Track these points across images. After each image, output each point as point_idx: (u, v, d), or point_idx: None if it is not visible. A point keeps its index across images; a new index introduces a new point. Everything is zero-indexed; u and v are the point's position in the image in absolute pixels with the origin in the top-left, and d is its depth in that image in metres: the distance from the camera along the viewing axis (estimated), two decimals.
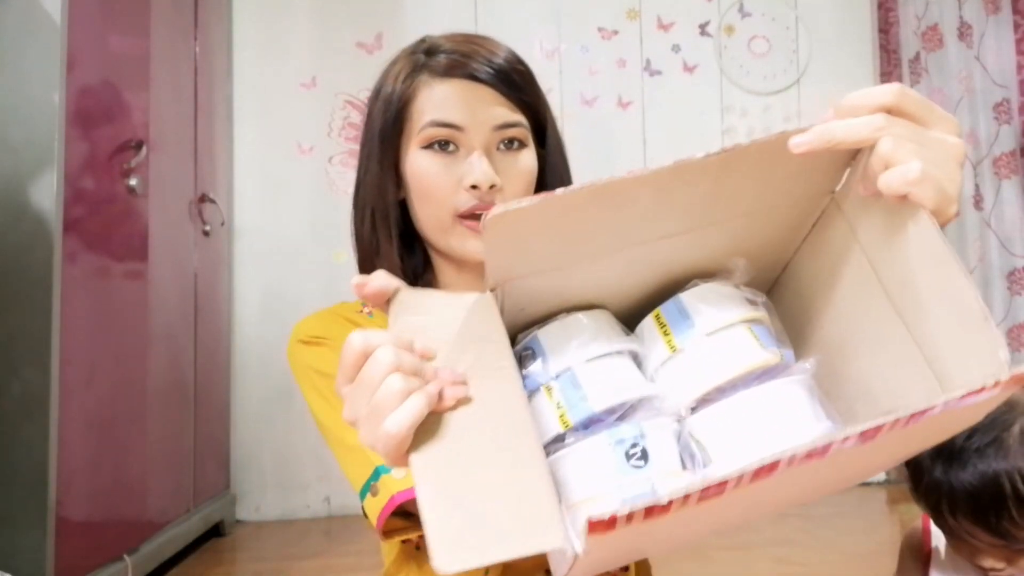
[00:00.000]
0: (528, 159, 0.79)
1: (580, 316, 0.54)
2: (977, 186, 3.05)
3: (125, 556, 1.86)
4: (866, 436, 0.38)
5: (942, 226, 0.48)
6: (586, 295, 0.55)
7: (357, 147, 0.87)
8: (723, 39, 3.07)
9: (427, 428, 0.46)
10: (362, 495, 0.69)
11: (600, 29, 3.05)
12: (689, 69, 3.07)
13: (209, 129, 2.60)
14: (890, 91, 0.48)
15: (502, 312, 0.54)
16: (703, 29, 3.08)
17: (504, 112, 0.77)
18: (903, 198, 0.46)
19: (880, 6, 3.20)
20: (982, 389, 0.40)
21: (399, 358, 0.45)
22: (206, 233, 2.48)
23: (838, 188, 0.53)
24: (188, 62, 2.45)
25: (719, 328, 0.52)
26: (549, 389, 0.51)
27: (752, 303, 0.54)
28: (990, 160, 3.06)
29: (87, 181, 1.77)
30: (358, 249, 0.83)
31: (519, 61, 0.80)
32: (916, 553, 0.94)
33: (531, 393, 0.52)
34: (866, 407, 0.53)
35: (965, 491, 0.80)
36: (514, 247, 0.49)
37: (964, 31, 3.09)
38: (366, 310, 0.82)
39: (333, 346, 0.77)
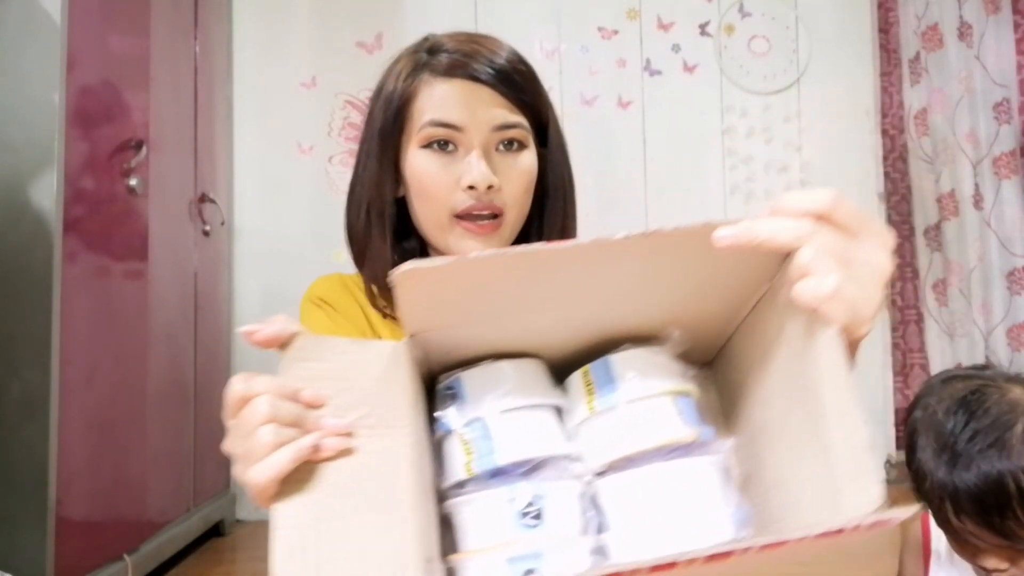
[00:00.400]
0: (528, 160, 0.79)
1: (503, 365, 0.53)
2: (977, 186, 3.05)
3: (125, 556, 1.86)
4: (768, 548, 0.37)
5: (853, 343, 0.46)
6: (518, 344, 0.54)
7: (357, 147, 0.87)
8: (723, 39, 3.07)
9: (299, 478, 0.46)
10: None
11: (600, 29, 3.05)
12: (689, 69, 3.07)
13: (209, 129, 2.60)
14: (825, 198, 0.47)
15: (427, 355, 0.54)
16: (703, 29, 3.08)
17: (504, 113, 0.77)
18: (815, 310, 0.45)
19: (880, 6, 3.20)
20: (840, 531, 0.39)
21: (274, 410, 0.46)
22: (206, 233, 2.48)
23: (775, 278, 0.52)
24: (188, 62, 2.45)
25: (642, 397, 0.51)
26: (462, 434, 0.51)
27: (683, 375, 0.53)
28: (990, 160, 3.06)
29: (87, 181, 1.77)
30: (351, 244, 0.83)
31: (521, 61, 0.80)
32: (916, 553, 0.94)
33: (445, 434, 0.52)
34: (779, 497, 0.51)
35: (969, 492, 0.80)
36: (430, 300, 0.49)
37: (964, 31, 3.09)
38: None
39: (333, 316, 0.80)
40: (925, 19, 3.13)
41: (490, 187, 0.76)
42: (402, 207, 0.82)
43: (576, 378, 0.54)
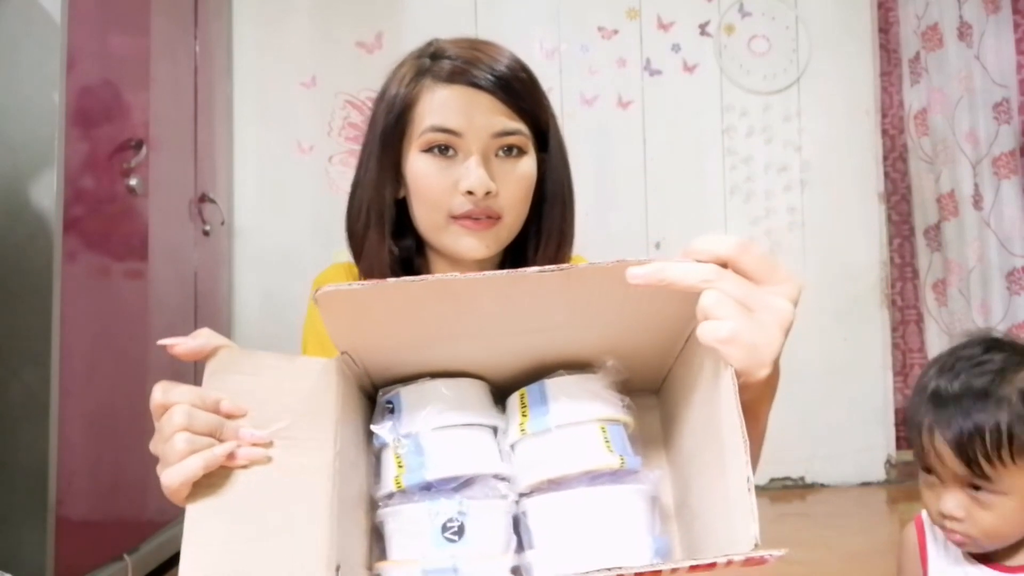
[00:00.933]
0: (526, 166, 0.81)
1: (441, 384, 0.55)
2: (976, 186, 3.05)
3: (125, 556, 1.86)
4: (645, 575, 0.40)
5: (751, 385, 0.48)
6: (462, 365, 0.56)
7: (357, 147, 0.88)
8: (723, 39, 3.07)
9: (214, 483, 0.49)
10: None
11: (600, 29, 3.05)
12: (689, 69, 3.07)
13: (209, 129, 2.60)
14: (732, 245, 0.49)
15: (368, 371, 0.55)
16: (703, 29, 3.08)
17: (503, 120, 0.78)
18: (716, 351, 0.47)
19: (880, 6, 3.20)
20: (713, 564, 0.41)
21: (190, 419, 0.49)
22: (206, 233, 2.48)
23: None
24: (188, 62, 2.45)
25: (571, 422, 0.53)
26: (397, 448, 0.53)
27: (617, 403, 0.54)
28: (989, 160, 3.06)
29: (87, 181, 1.77)
30: (351, 241, 0.85)
31: (522, 69, 0.81)
32: (914, 556, 0.94)
33: (381, 447, 0.54)
34: (701, 525, 0.53)
35: (956, 403, 0.83)
36: (354, 321, 0.51)
37: (964, 31, 3.09)
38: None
39: None
40: (925, 19, 3.13)
41: (488, 193, 0.77)
42: (402, 208, 0.84)
43: (514, 400, 0.56)
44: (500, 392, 0.58)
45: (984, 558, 0.88)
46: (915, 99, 3.15)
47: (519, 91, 0.79)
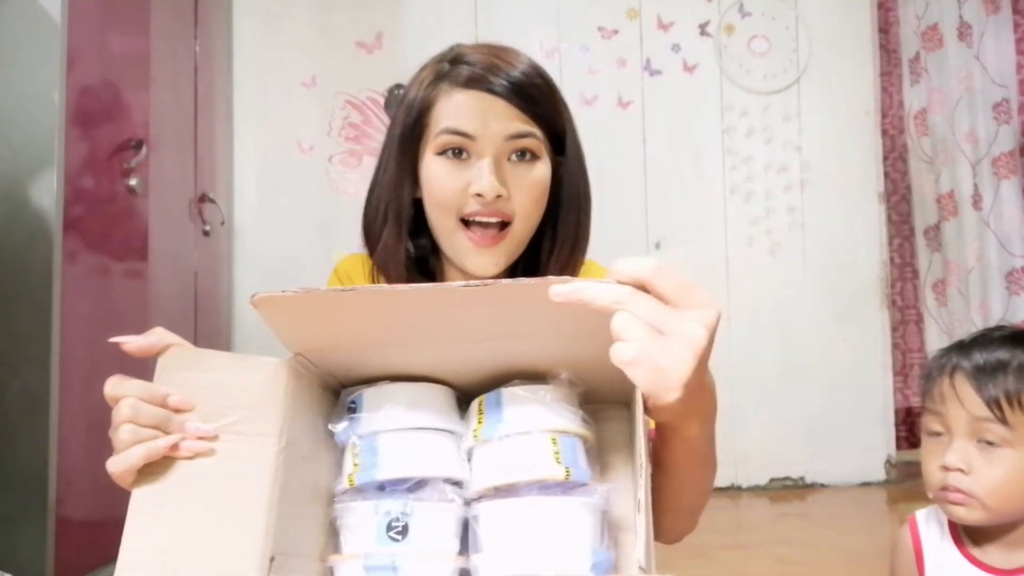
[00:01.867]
0: (540, 171, 0.81)
1: (401, 387, 0.57)
2: (976, 186, 3.05)
3: None
4: None
5: (663, 408, 0.49)
6: (425, 369, 0.58)
7: (358, 147, 0.89)
8: (723, 39, 3.07)
9: (159, 471, 0.53)
10: None
11: (600, 29, 3.05)
12: (689, 69, 3.07)
13: (209, 129, 2.60)
14: (649, 267, 0.49)
15: (330, 371, 0.58)
16: (703, 29, 3.08)
17: (516, 124, 0.79)
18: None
19: (880, 6, 3.20)
20: None
21: (135, 411, 0.53)
22: (206, 233, 2.48)
23: None
24: (188, 62, 2.45)
25: (521, 431, 0.54)
26: (354, 446, 0.55)
27: (572, 415, 0.55)
28: (989, 160, 3.06)
29: (87, 181, 1.77)
30: (366, 242, 0.87)
31: (539, 75, 0.82)
32: (909, 557, 0.94)
33: (342, 445, 0.57)
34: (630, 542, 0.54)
35: (980, 342, 0.84)
36: (300, 325, 0.53)
37: (964, 31, 3.09)
38: None
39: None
40: (925, 19, 3.13)
41: (498, 196, 0.78)
42: (419, 208, 0.85)
43: (472, 407, 0.57)
44: (467, 398, 0.59)
45: (983, 562, 0.87)
46: (915, 99, 3.16)
47: (534, 96, 0.80)
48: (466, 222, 0.80)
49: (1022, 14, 3.16)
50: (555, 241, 0.85)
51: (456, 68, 0.81)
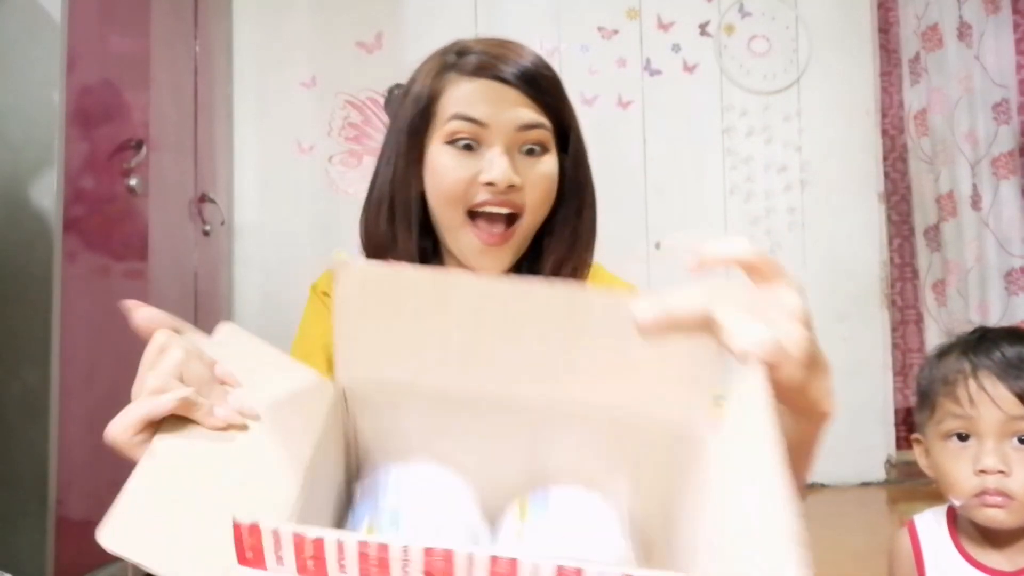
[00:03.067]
0: (549, 164, 0.80)
1: (431, 472, 0.51)
2: (975, 186, 3.05)
3: None
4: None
5: (789, 389, 0.43)
6: (454, 456, 0.52)
7: (358, 147, 0.89)
8: (723, 39, 3.07)
9: (185, 427, 0.47)
10: None
11: (600, 29, 3.05)
12: (689, 69, 3.07)
13: (209, 129, 2.60)
14: (736, 249, 0.47)
15: (364, 407, 0.52)
16: (703, 29, 3.08)
17: (528, 113, 0.78)
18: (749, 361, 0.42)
19: (880, 6, 3.20)
20: None
21: (178, 363, 0.49)
22: (206, 233, 2.48)
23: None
24: (188, 62, 2.45)
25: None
26: (371, 520, 0.49)
27: (620, 531, 0.49)
28: (988, 160, 3.06)
29: (87, 181, 1.77)
30: (368, 241, 0.83)
31: (547, 67, 0.82)
32: (909, 563, 0.93)
33: (358, 520, 0.50)
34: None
35: (998, 342, 0.82)
36: (366, 312, 0.48)
37: (964, 31, 3.09)
38: None
39: (318, 311, 0.83)
40: (925, 19, 3.13)
41: (511, 186, 0.76)
42: (422, 203, 0.82)
43: (511, 504, 0.52)
44: (489, 504, 0.53)
45: (986, 565, 0.87)
46: (915, 99, 3.16)
47: (544, 87, 0.80)
48: (472, 215, 0.77)
49: (1022, 14, 3.16)
50: (563, 239, 0.83)
51: (463, 58, 0.79)
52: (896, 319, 3.18)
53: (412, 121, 0.79)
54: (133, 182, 1.93)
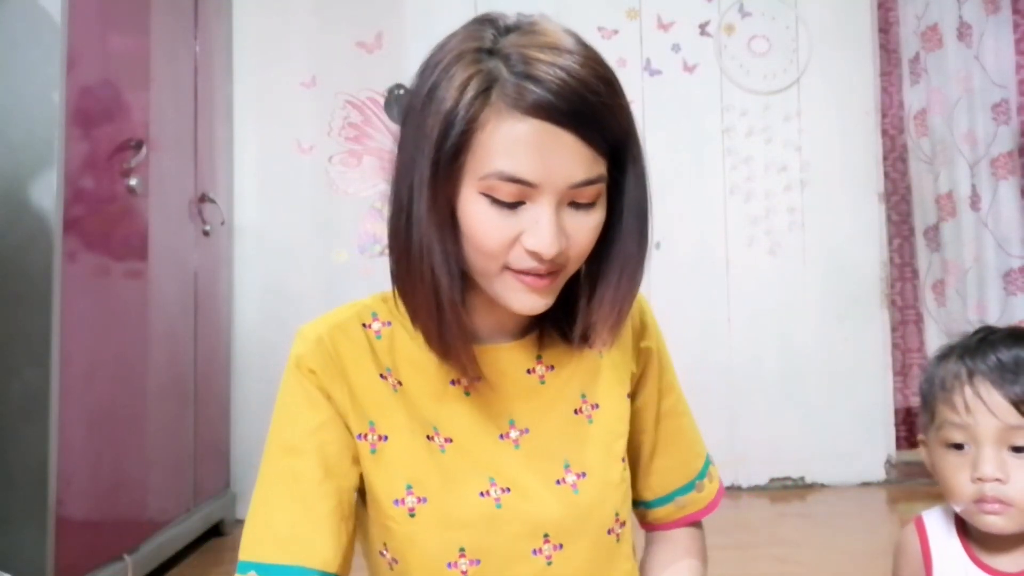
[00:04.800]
0: (600, 213, 0.70)
1: None
2: (974, 186, 3.05)
3: (125, 556, 1.86)
4: None
5: None
6: None
7: (357, 147, 0.86)
8: (723, 39, 3.07)
9: None
10: (241, 568, 0.70)
11: (600, 29, 3.05)
12: (689, 69, 3.07)
13: (209, 129, 2.60)
14: None
15: None
16: (703, 29, 3.08)
17: (585, 167, 0.65)
18: None
19: (880, 6, 3.20)
20: None
21: None
22: (206, 233, 2.48)
23: None
24: (188, 62, 2.45)
25: None
26: None
27: None
28: (988, 160, 3.06)
29: (87, 181, 1.77)
30: (413, 281, 0.70)
31: (602, 80, 0.66)
32: (916, 561, 0.93)
33: None
34: None
35: (996, 350, 0.81)
36: None
37: (964, 31, 3.09)
38: (375, 326, 0.76)
39: (314, 395, 0.73)
40: (925, 19, 3.13)
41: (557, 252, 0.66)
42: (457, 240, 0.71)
43: None
44: None
45: (991, 567, 0.86)
46: (915, 99, 3.16)
47: (605, 122, 0.66)
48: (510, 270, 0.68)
49: (1022, 14, 3.16)
50: (610, 274, 0.73)
51: (511, 79, 0.64)
52: (896, 319, 3.18)
53: (440, 148, 0.65)
54: (133, 182, 1.93)
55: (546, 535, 0.74)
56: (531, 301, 0.69)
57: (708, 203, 3.03)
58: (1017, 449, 0.80)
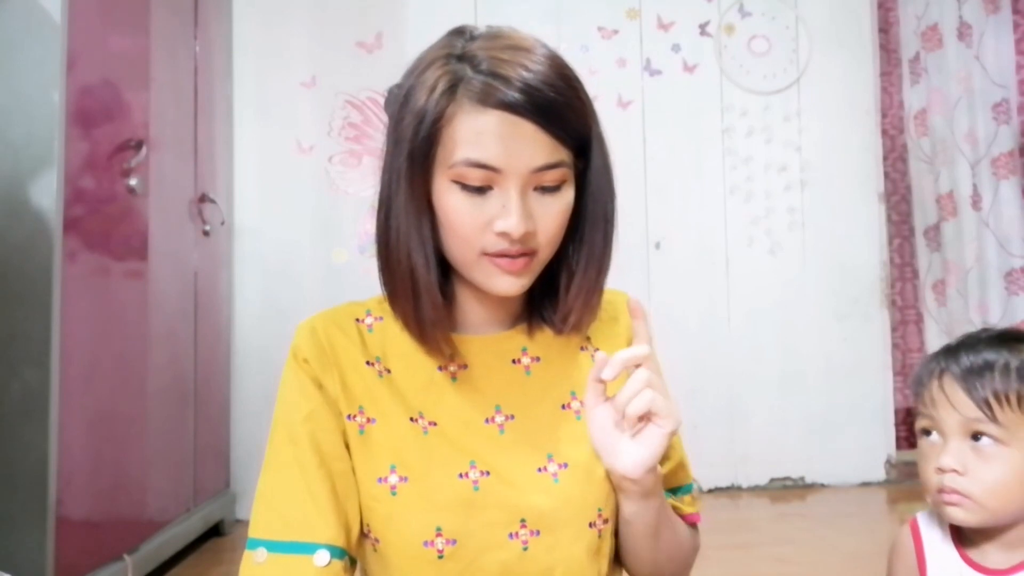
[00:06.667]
0: (566, 198, 0.75)
1: None
2: (975, 186, 3.05)
3: (125, 556, 1.86)
4: None
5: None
6: None
7: (357, 147, 0.87)
8: (723, 39, 3.07)
9: None
10: (251, 544, 0.74)
11: (600, 28, 3.05)
12: (689, 69, 3.07)
13: (209, 129, 2.60)
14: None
15: None
16: (703, 29, 3.08)
17: (546, 153, 0.71)
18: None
19: (880, 6, 3.20)
20: None
21: None
22: (206, 233, 2.48)
23: None
24: (188, 62, 2.45)
25: None
26: None
27: None
28: (988, 160, 3.06)
29: (87, 181, 1.77)
30: (391, 270, 0.77)
31: (568, 82, 0.73)
32: (910, 561, 0.93)
33: None
34: None
35: (967, 345, 0.85)
36: None
37: (964, 31, 3.09)
38: (368, 320, 0.82)
39: (306, 385, 0.77)
40: (925, 19, 3.13)
41: (525, 233, 0.72)
42: (434, 230, 0.78)
43: None
44: None
45: (982, 565, 0.87)
46: (915, 99, 3.16)
47: (567, 117, 0.72)
48: (487, 256, 0.74)
49: (1022, 14, 3.16)
50: (579, 263, 0.79)
51: (472, 75, 0.71)
52: (896, 319, 3.18)
53: (415, 144, 0.72)
54: (133, 182, 1.93)
55: (523, 520, 0.75)
56: (508, 283, 0.74)
57: (708, 203, 3.03)
58: (980, 443, 0.81)
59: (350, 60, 2.95)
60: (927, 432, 0.86)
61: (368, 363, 0.79)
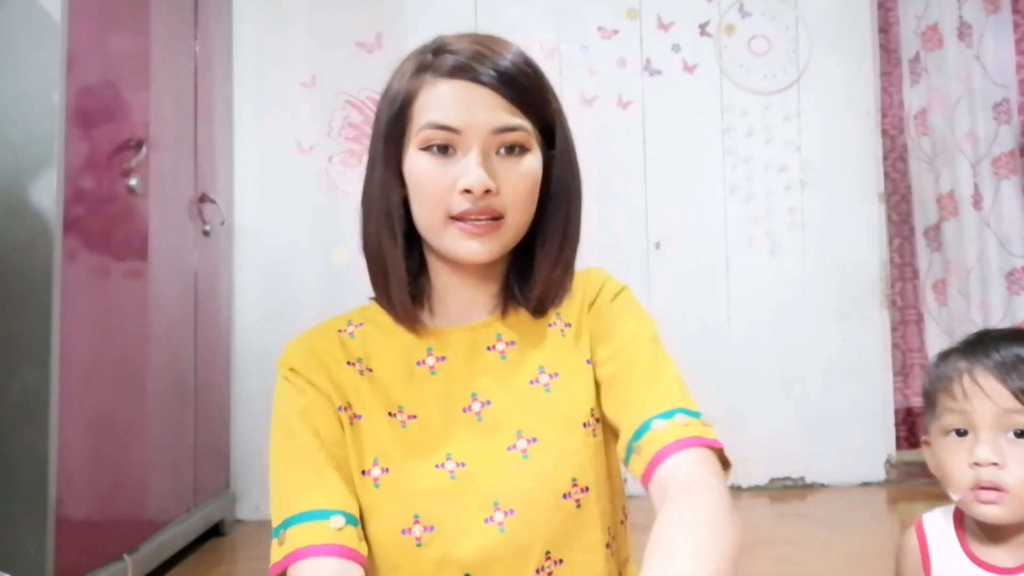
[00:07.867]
0: (530, 163, 0.78)
1: None
2: (976, 186, 3.05)
3: (125, 556, 1.86)
4: None
5: None
6: None
7: (358, 147, 0.89)
8: (723, 39, 3.07)
9: None
10: (274, 533, 0.75)
11: (600, 28, 3.05)
12: (689, 69, 3.07)
13: (209, 129, 2.60)
14: None
15: None
16: (703, 29, 3.08)
17: (504, 115, 0.76)
18: None
19: (880, 6, 3.20)
20: None
21: None
22: (206, 233, 2.48)
23: None
24: (188, 62, 2.45)
25: None
26: None
27: None
28: (989, 160, 3.06)
29: (87, 180, 1.77)
30: (365, 249, 0.83)
31: (527, 63, 0.79)
32: (916, 562, 0.93)
33: None
34: None
35: (996, 344, 0.83)
36: None
37: (964, 31, 3.09)
38: (349, 329, 0.85)
39: (299, 385, 0.81)
40: (925, 19, 3.13)
41: (487, 191, 0.75)
42: (406, 207, 0.82)
43: None
44: None
45: (989, 563, 0.87)
46: (915, 99, 3.15)
47: (523, 86, 0.77)
48: (453, 219, 0.77)
49: (1022, 14, 3.16)
50: (544, 238, 0.82)
51: (439, 58, 0.77)
52: (896, 319, 3.18)
53: (388, 125, 0.79)
54: (133, 182, 1.93)
55: (496, 503, 0.76)
56: (473, 247, 0.77)
57: (708, 203, 3.03)
58: (1019, 434, 0.80)
59: (350, 60, 2.95)
60: (959, 432, 0.84)
61: (349, 363, 0.82)
